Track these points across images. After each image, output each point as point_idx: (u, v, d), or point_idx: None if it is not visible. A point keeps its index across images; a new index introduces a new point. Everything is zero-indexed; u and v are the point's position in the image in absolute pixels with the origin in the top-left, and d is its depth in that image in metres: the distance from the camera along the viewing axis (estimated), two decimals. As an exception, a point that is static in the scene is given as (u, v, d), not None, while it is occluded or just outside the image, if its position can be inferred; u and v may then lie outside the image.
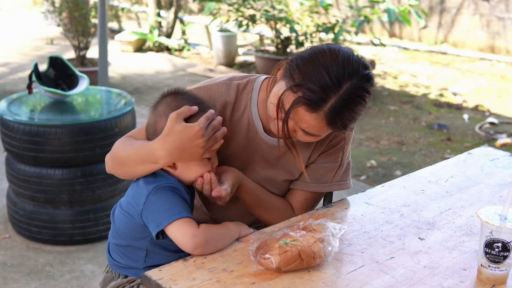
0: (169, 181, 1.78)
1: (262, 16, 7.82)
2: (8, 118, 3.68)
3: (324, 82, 1.71)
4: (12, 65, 8.66)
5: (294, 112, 1.76)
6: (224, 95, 1.97)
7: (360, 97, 1.75)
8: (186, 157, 1.75)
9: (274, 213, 2.03)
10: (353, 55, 1.77)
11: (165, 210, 1.70)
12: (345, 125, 1.78)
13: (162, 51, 9.94)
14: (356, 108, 1.76)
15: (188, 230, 1.68)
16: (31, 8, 13.40)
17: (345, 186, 2.08)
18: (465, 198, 2.10)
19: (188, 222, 1.69)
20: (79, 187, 3.73)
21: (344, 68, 1.73)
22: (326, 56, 1.75)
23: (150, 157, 1.77)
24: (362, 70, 1.76)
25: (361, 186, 4.79)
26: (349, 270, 1.61)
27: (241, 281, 1.53)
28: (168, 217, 1.69)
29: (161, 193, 1.74)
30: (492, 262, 1.55)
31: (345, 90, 1.72)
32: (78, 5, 7.21)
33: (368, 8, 7.58)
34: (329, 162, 2.03)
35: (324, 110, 1.73)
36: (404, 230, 1.85)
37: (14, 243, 3.87)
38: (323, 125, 1.77)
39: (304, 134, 1.81)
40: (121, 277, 1.93)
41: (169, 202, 1.72)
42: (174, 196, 1.74)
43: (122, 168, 1.88)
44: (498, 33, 9.77)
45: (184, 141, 1.72)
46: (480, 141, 6.11)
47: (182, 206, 1.72)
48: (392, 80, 8.53)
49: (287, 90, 1.76)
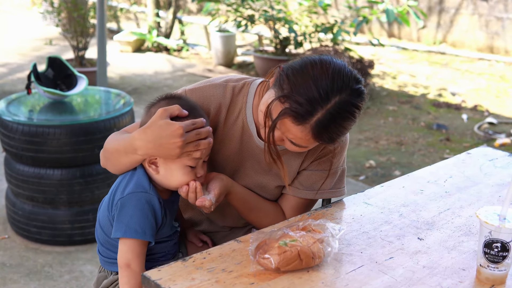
0: (144, 189, 1.78)
1: (261, 16, 7.82)
2: (7, 119, 3.68)
3: (311, 95, 1.68)
4: (11, 66, 8.66)
5: (281, 123, 1.74)
6: (220, 97, 1.96)
7: (348, 112, 1.73)
8: (162, 153, 1.74)
9: (264, 218, 2.03)
10: (345, 69, 1.74)
11: (127, 222, 1.75)
12: (332, 139, 1.76)
13: (161, 52, 9.93)
14: (344, 123, 1.74)
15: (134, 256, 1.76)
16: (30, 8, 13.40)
17: (338, 194, 2.06)
18: (464, 198, 2.10)
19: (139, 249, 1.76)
20: (78, 187, 3.73)
21: (334, 82, 1.70)
22: (317, 68, 1.72)
23: (130, 147, 1.78)
24: (353, 84, 1.72)
25: (360, 186, 4.79)
26: (348, 270, 1.61)
27: (240, 281, 1.53)
28: (125, 231, 1.75)
29: (131, 201, 1.76)
30: (491, 262, 1.55)
31: (333, 104, 1.69)
32: (76, 5, 7.20)
33: (367, 9, 7.59)
34: (322, 170, 2.01)
35: (311, 124, 1.70)
36: (403, 230, 1.85)
37: (13, 243, 3.87)
38: (309, 138, 1.74)
39: (291, 144, 1.80)
40: (112, 274, 1.94)
41: (133, 216, 1.75)
42: (142, 210, 1.75)
43: (109, 161, 1.88)
44: (497, 33, 9.78)
45: (162, 136, 1.71)
46: (479, 141, 6.11)
47: (143, 224, 1.75)
48: (391, 80, 8.53)
49: (275, 100, 1.74)
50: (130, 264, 1.76)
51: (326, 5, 7.68)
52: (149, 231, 1.75)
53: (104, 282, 1.96)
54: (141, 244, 1.76)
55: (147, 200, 1.77)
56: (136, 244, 1.75)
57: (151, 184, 1.80)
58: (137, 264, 1.76)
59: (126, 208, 1.76)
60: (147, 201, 1.76)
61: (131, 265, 1.76)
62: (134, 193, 1.77)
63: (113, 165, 1.87)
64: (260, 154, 1.98)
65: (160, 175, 1.81)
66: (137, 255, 1.76)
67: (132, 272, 1.76)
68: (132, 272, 1.76)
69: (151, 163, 1.80)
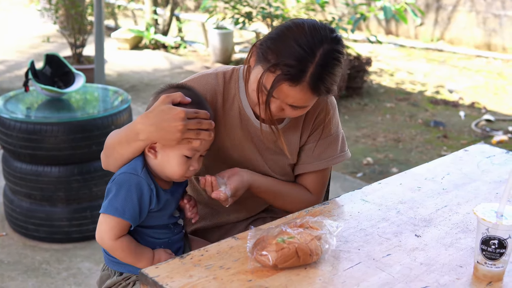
0: (134, 171, 1.80)
1: (259, 14, 7.81)
2: (5, 116, 3.67)
3: (298, 55, 1.75)
4: (8, 63, 8.65)
5: (278, 91, 1.79)
6: (213, 84, 2.01)
7: (335, 59, 1.80)
8: (163, 136, 1.76)
9: (292, 202, 2.10)
10: (317, 23, 1.82)
11: (110, 199, 1.78)
12: (329, 89, 1.83)
13: (158, 49, 9.92)
14: (334, 71, 1.81)
15: (107, 229, 1.78)
16: (27, 5, 13.40)
17: (345, 156, 2.14)
18: (462, 195, 2.10)
19: (113, 224, 1.77)
20: (76, 184, 3.73)
21: (313, 36, 1.77)
22: (293, 31, 1.79)
23: (132, 133, 1.80)
24: (330, 34, 1.80)
25: (358, 183, 4.79)
26: (345, 267, 1.61)
27: (237, 278, 1.54)
28: (106, 207, 1.77)
29: (119, 181, 1.79)
30: (488, 259, 1.56)
31: (320, 56, 1.77)
32: (74, 2, 7.19)
33: (365, 6, 7.57)
34: (322, 139, 2.08)
35: (306, 81, 1.77)
36: (400, 227, 1.85)
37: (11, 241, 3.87)
38: (308, 95, 1.81)
39: (292, 109, 1.86)
40: (116, 274, 1.93)
41: (118, 195, 1.77)
42: (127, 191, 1.77)
43: (111, 157, 1.89)
44: (495, 30, 9.78)
45: (164, 119, 1.74)
46: (476, 138, 6.12)
47: (124, 204, 1.76)
48: (388, 78, 8.53)
49: (265, 72, 1.79)
50: (102, 237, 1.78)
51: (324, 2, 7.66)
52: (129, 212, 1.76)
53: (107, 282, 1.96)
54: (119, 223, 1.77)
55: (136, 182, 1.78)
56: (114, 222, 1.77)
57: (144, 169, 1.81)
58: (110, 237, 1.78)
59: (113, 187, 1.79)
60: (135, 184, 1.78)
61: (104, 239, 1.78)
62: (124, 173, 1.80)
63: (115, 161, 1.87)
64: (259, 135, 2.04)
65: (158, 161, 1.82)
66: (110, 229, 1.77)
67: (108, 245, 1.80)
68: (108, 245, 1.80)
69: (151, 147, 1.82)
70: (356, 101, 7.37)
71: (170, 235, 1.92)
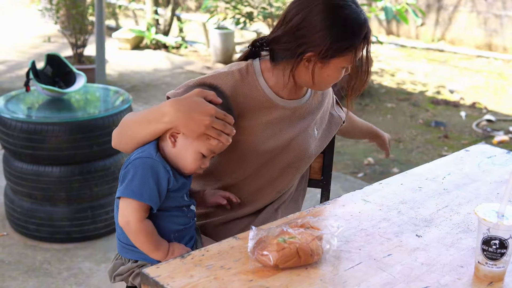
0: (149, 155, 1.82)
1: (260, 14, 7.81)
2: (6, 116, 3.68)
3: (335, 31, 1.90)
4: (9, 63, 8.65)
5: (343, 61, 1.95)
6: (230, 80, 2.04)
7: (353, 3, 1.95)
8: (187, 125, 1.79)
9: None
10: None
11: (127, 183, 1.79)
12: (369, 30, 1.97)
13: (159, 49, 9.93)
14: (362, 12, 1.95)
15: (132, 212, 1.79)
16: (28, 5, 13.41)
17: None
18: (463, 195, 2.10)
19: (136, 207, 1.79)
20: (77, 184, 3.73)
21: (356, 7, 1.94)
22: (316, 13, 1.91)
23: (157, 113, 1.82)
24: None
25: (359, 184, 4.79)
26: (346, 267, 1.61)
27: (238, 278, 1.53)
28: (123, 191, 1.80)
29: (135, 165, 1.81)
30: (489, 259, 1.56)
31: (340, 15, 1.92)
32: (75, 2, 7.19)
33: (366, 6, 7.57)
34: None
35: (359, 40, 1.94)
36: (401, 227, 1.85)
37: (12, 240, 3.87)
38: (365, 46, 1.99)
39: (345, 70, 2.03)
40: (131, 261, 1.94)
41: (133, 179, 1.79)
42: (143, 174, 1.79)
43: (125, 135, 1.90)
44: (495, 30, 9.78)
45: (194, 110, 1.78)
46: (477, 138, 6.12)
47: (142, 187, 1.79)
48: (389, 78, 8.53)
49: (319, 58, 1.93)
50: (128, 220, 1.79)
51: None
52: (146, 194, 1.78)
53: (120, 268, 1.95)
54: (139, 205, 1.79)
55: (151, 165, 1.80)
56: (136, 204, 1.78)
57: (158, 154, 1.84)
58: (136, 219, 1.79)
59: (129, 171, 1.81)
60: (150, 166, 1.80)
61: (130, 221, 1.79)
62: (139, 158, 1.82)
63: (130, 138, 1.88)
64: (289, 114, 2.12)
65: (174, 150, 1.85)
66: (134, 211, 1.79)
67: (133, 227, 1.80)
68: (133, 227, 1.80)
69: (172, 135, 1.84)
70: (357, 102, 7.36)
71: (185, 221, 1.93)
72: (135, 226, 1.80)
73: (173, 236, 1.90)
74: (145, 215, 1.81)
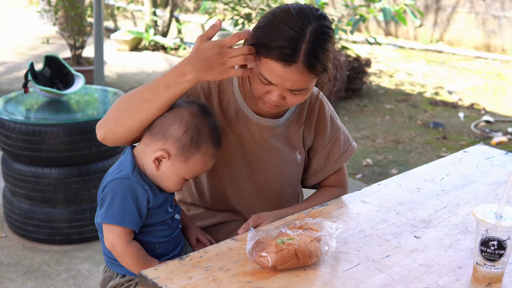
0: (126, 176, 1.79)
1: (258, 15, 7.81)
2: (4, 118, 3.67)
3: (289, 35, 1.77)
4: (8, 64, 8.65)
5: (275, 76, 1.80)
6: (211, 85, 2.03)
7: (325, 35, 1.82)
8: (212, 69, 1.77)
9: None
10: (302, 5, 1.85)
11: (106, 208, 1.78)
12: (325, 67, 1.83)
13: (158, 50, 9.93)
14: (326, 46, 1.82)
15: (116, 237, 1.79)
16: (27, 7, 13.40)
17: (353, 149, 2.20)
18: (461, 197, 2.10)
19: (119, 233, 1.78)
20: (76, 186, 3.73)
21: (300, 16, 1.80)
22: (280, 15, 1.82)
23: (175, 75, 1.77)
24: (315, 12, 1.83)
25: (357, 185, 4.79)
26: (345, 268, 1.61)
27: (237, 279, 1.54)
28: (104, 216, 1.78)
29: (112, 187, 1.78)
30: (487, 260, 1.56)
31: (310, 34, 1.78)
32: (74, 4, 7.19)
33: (364, 7, 7.57)
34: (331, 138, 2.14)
35: (301, 60, 1.78)
36: (400, 228, 1.85)
37: (11, 242, 3.87)
38: (305, 75, 1.81)
39: (293, 95, 1.86)
40: (119, 276, 1.93)
41: (113, 203, 1.77)
42: (122, 197, 1.77)
43: (126, 113, 1.81)
44: (494, 31, 9.79)
45: (207, 54, 1.76)
46: (475, 139, 6.12)
47: (122, 211, 1.76)
48: (387, 79, 8.53)
49: (259, 59, 1.81)
50: (114, 244, 1.79)
51: (323, 4, 7.66)
52: (128, 217, 1.77)
53: (111, 283, 1.96)
54: (122, 230, 1.78)
55: (129, 186, 1.78)
56: (119, 229, 1.78)
57: (136, 171, 1.81)
58: (120, 243, 1.79)
59: (107, 195, 1.78)
60: (128, 188, 1.77)
61: (115, 245, 1.79)
62: (116, 179, 1.79)
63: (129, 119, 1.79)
64: (261, 130, 2.05)
65: (158, 172, 1.83)
66: (118, 236, 1.78)
67: (119, 251, 1.80)
68: (119, 251, 1.80)
69: (157, 159, 1.81)
70: (355, 103, 7.37)
71: (169, 233, 1.92)
72: (121, 250, 1.80)
73: (158, 246, 1.90)
74: (130, 238, 1.80)
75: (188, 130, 1.79)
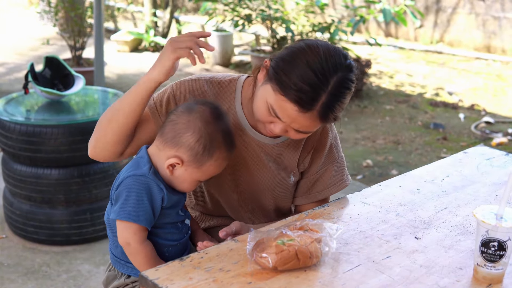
0: (142, 173, 1.80)
1: (258, 16, 7.81)
2: (5, 118, 3.67)
3: (312, 81, 1.71)
4: (8, 65, 8.65)
5: (286, 115, 1.76)
6: (206, 91, 1.98)
7: (347, 89, 1.77)
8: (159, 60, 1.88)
9: None
10: (331, 47, 1.78)
11: (121, 204, 1.77)
12: (336, 117, 1.81)
13: (158, 51, 9.92)
14: (345, 100, 1.79)
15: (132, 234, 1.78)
16: (27, 7, 13.39)
17: (343, 185, 2.11)
18: (461, 197, 2.10)
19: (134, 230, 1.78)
20: (76, 187, 3.73)
21: (327, 62, 1.73)
22: (307, 53, 1.74)
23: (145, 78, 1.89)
24: (344, 60, 1.76)
25: (357, 186, 4.79)
26: (345, 269, 1.61)
27: (237, 280, 1.54)
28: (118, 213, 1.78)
29: (128, 184, 1.78)
30: (488, 261, 1.56)
31: (333, 85, 1.73)
32: (74, 5, 7.19)
33: (364, 8, 7.58)
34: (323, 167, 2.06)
35: (317, 109, 1.74)
36: (400, 229, 1.85)
37: (11, 243, 3.87)
38: (316, 123, 1.78)
39: (296, 133, 1.83)
40: (124, 276, 1.93)
41: (128, 199, 1.77)
42: (137, 193, 1.77)
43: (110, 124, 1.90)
44: (494, 32, 9.79)
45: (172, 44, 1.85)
46: (476, 140, 6.12)
47: (137, 208, 1.76)
48: (388, 80, 8.53)
49: (275, 93, 1.75)
50: (129, 242, 1.79)
51: (323, 5, 7.67)
52: (142, 215, 1.76)
53: (115, 283, 1.95)
54: (138, 228, 1.78)
55: (144, 183, 1.78)
56: (132, 226, 1.77)
57: (152, 170, 1.81)
58: (136, 241, 1.78)
59: (123, 192, 1.78)
60: (144, 185, 1.78)
61: (131, 243, 1.78)
62: (132, 176, 1.79)
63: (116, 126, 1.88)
64: (256, 147, 2.00)
65: (172, 177, 1.83)
66: (134, 233, 1.78)
67: (134, 249, 1.79)
68: (134, 249, 1.79)
69: (171, 165, 1.81)
70: (355, 103, 7.37)
71: (179, 237, 1.91)
72: (135, 248, 1.79)
73: (166, 250, 1.89)
74: (145, 236, 1.80)
75: (201, 139, 1.78)
